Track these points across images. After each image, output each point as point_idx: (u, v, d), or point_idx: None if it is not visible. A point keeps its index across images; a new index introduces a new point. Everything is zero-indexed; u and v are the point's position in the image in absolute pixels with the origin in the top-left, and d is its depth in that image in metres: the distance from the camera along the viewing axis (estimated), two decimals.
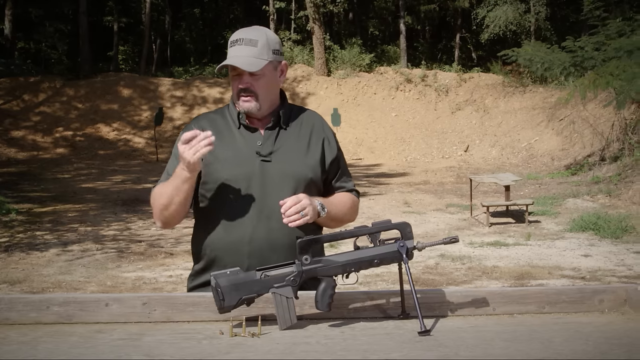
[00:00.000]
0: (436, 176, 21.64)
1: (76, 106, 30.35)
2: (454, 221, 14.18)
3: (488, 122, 27.76)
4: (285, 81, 19.42)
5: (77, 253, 11.54)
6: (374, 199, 16.98)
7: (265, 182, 3.02)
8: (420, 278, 9.73)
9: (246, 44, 3.04)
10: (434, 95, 29.83)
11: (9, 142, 27.69)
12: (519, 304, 2.81)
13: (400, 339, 2.47)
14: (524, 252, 11.30)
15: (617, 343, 2.41)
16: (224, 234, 3.02)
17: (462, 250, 11.47)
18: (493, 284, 9.47)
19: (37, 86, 31.34)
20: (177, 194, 2.99)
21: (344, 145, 26.79)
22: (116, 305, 2.72)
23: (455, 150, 26.45)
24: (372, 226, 2.70)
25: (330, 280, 2.66)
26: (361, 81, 30.95)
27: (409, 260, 2.68)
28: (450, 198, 17.09)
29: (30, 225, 13.90)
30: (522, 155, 24.99)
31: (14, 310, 2.69)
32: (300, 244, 2.66)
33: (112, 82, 31.71)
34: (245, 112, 3.09)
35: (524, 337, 2.47)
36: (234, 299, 2.59)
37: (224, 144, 3.08)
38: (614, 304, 2.82)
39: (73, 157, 26.75)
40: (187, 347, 2.39)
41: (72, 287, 9.46)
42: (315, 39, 32.49)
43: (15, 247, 11.90)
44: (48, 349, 2.37)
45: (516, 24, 34.41)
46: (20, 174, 22.14)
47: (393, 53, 39.45)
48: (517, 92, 28.66)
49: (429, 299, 2.79)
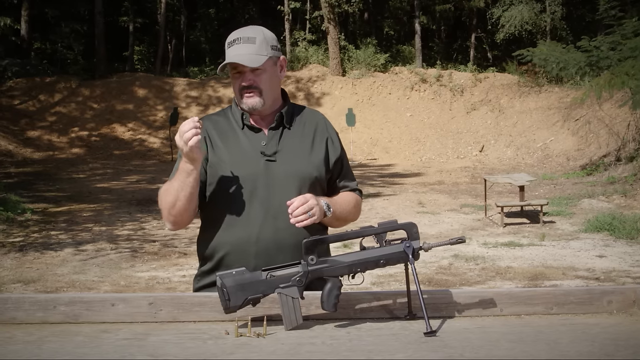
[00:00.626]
0: (451, 176, 21.59)
1: (92, 106, 30.47)
2: (468, 221, 14.14)
3: (503, 122, 27.67)
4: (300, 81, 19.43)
5: (91, 253, 11.57)
6: (388, 199, 16.96)
7: (271, 182, 3.03)
8: (434, 278, 9.71)
9: (244, 42, 3.06)
10: (449, 95, 29.76)
11: (25, 142, 27.79)
12: (526, 304, 2.79)
13: (406, 339, 2.46)
14: (538, 253, 11.26)
15: (624, 344, 2.39)
16: (231, 235, 3.02)
17: (476, 250, 11.44)
18: (506, 284, 9.44)
19: (53, 86, 31.48)
20: (183, 189, 2.98)
21: (359, 145, 26.82)
22: (122, 305, 2.73)
23: (470, 150, 26.38)
24: (378, 226, 2.69)
25: (336, 280, 2.65)
26: (376, 81, 30.92)
27: (415, 261, 2.66)
28: (465, 198, 17.04)
29: (45, 225, 13.96)
30: (537, 156, 24.89)
31: (20, 310, 2.70)
32: (306, 244, 2.65)
33: (127, 82, 31.81)
34: (250, 108, 3.09)
35: (530, 338, 2.46)
36: (239, 299, 2.59)
37: (228, 145, 3.10)
38: (622, 305, 2.80)
39: (88, 157, 26.84)
40: (191, 347, 2.39)
41: (85, 287, 9.49)
42: (330, 39, 32.48)
43: (29, 246, 11.95)
44: (53, 349, 2.38)
45: (532, 24, 34.28)
46: (35, 174, 22.23)
47: (408, 53, 39.39)
48: (533, 92, 28.56)
49: (436, 300, 2.78)
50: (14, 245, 12.01)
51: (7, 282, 9.71)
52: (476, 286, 9.31)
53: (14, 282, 9.76)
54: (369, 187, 19.12)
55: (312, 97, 30.47)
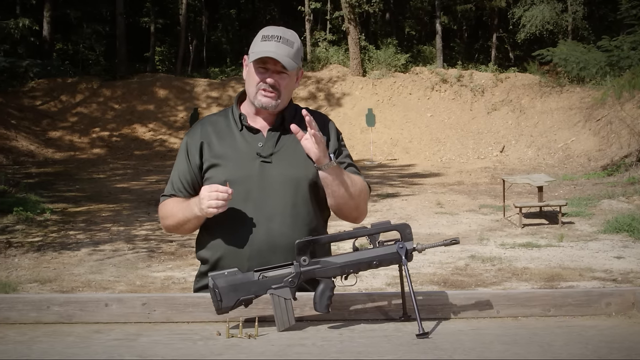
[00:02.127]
0: (471, 177, 21.50)
1: (113, 107, 30.62)
2: (486, 222, 14.07)
3: (524, 122, 27.54)
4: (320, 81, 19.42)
5: (109, 253, 11.61)
6: (406, 200, 16.91)
7: (265, 183, 3.01)
8: (449, 279, 9.67)
9: (284, 42, 3.03)
10: (470, 96, 29.65)
11: (46, 142, 27.97)
12: (523, 306, 2.76)
13: (398, 341, 2.44)
14: (556, 254, 11.18)
15: (618, 347, 2.36)
16: (225, 236, 3.02)
17: (493, 251, 11.38)
18: (522, 285, 9.39)
19: (75, 87, 31.66)
20: (187, 224, 3.07)
21: (379, 146, 26.78)
22: (116, 306, 2.73)
23: (490, 150, 26.27)
24: (372, 227, 2.67)
25: (328, 281, 2.64)
26: (396, 81, 30.86)
27: (408, 262, 2.64)
28: (484, 199, 16.96)
29: (64, 224, 14.02)
30: (558, 156, 24.75)
31: (14, 310, 2.70)
32: (298, 244, 2.64)
33: (148, 82, 31.93)
34: (263, 107, 3.07)
35: (524, 341, 2.43)
36: (231, 300, 2.58)
37: (225, 146, 3.09)
38: (621, 308, 2.77)
39: (109, 157, 26.96)
40: (181, 348, 2.39)
41: (101, 287, 9.53)
42: (351, 39, 32.46)
43: (47, 246, 12.00)
44: (42, 349, 2.38)
45: (553, 24, 34.05)
46: (56, 174, 22.35)
47: (429, 53, 39.29)
48: (554, 92, 28.38)
49: (431, 301, 2.76)
50: (33, 245, 12.07)
51: (24, 282, 9.76)
52: (492, 287, 9.27)
53: (31, 281, 9.81)
54: (387, 188, 19.09)
55: (332, 98, 30.46)
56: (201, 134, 3.14)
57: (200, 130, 3.16)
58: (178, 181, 3.15)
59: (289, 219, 2.98)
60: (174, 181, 3.16)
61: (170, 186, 3.17)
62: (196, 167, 3.10)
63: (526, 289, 8.92)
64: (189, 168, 3.12)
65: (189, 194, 3.12)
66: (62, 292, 9.09)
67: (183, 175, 3.14)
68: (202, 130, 3.15)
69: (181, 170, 3.14)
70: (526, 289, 7.19)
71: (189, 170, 3.12)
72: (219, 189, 2.85)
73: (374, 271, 10.09)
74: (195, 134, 3.16)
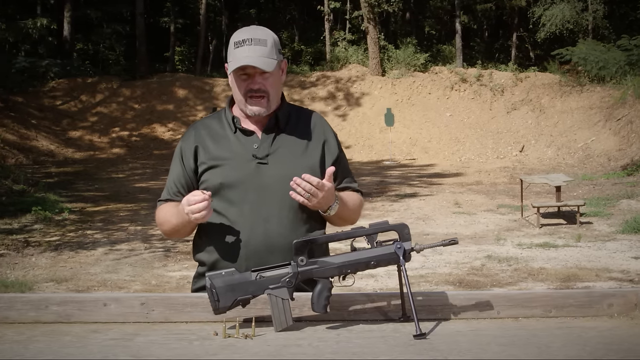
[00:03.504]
0: (489, 176, 21.41)
1: (132, 106, 30.72)
2: (504, 222, 14.01)
3: (544, 122, 27.39)
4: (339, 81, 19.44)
5: (125, 252, 11.66)
6: (424, 200, 16.87)
7: (262, 184, 3.00)
8: (465, 279, 9.64)
9: (256, 43, 3.01)
10: (490, 95, 29.52)
11: (66, 142, 28.11)
12: (524, 307, 2.74)
13: (395, 342, 2.43)
14: (573, 254, 11.12)
15: (616, 349, 2.33)
16: (222, 238, 3.00)
17: (510, 251, 11.33)
18: (538, 285, 9.35)
19: (95, 87, 31.80)
20: (182, 229, 3.07)
21: (398, 145, 26.71)
22: (114, 305, 2.73)
23: (510, 150, 26.15)
24: (370, 227, 2.65)
25: (326, 282, 2.63)
26: (416, 81, 30.77)
27: (406, 262, 2.63)
28: (502, 199, 16.89)
29: (82, 224, 14.09)
30: (578, 156, 24.60)
31: (13, 309, 2.71)
32: (296, 244, 2.63)
33: (167, 82, 32.02)
34: (256, 115, 3.07)
35: (522, 342, 2.41)
36: (229, 300, 2.57)
37: (220, 149, 3.08)
38: (623, 309, 2.74)
39: (128, 157, 27.06)
40: (176, 348, 2.38)
41: (116, 286, 9.56)
42: (370, 38, 32.39)
43: (65, 245, 12.06)
44: (38, 349, 2.39)
45: (573, 23, 33.82)
46: (75, 174, 22.45)
47: (448, 52, 39.17)
48: (574, 92, 28.20)
49: (431, 302, 2.75)
50: (50, 244, 12.14)
51: (40, 281, 9.81)
52: (507, 287, 9.23)
53: (47, 280, 9.86)
54: (406, 188, 19.06)
55: (351, 97, 30.43)
56: (195, 138, 3.13)
57: (194, 134, 3.15)
58: (173, 186, 3.14)
59: (286, 219, 2.97)
60: (169, 186, 3.16)
61: (166, 191, 3.17)
62: (191, 171, 3.10)
63: (527, 289, 8.88)
64: (184, 172, 3.11)
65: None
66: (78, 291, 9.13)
67: (178, 180, 3.13)
68: (195, 134, 3.14)
69: (176, 174, 3.14)
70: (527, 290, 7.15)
71: (184, 175, 3.11)
72: (195, 196, 2.84)
73: (390, 270, 10.07)
74: (189, 138, 3.15)
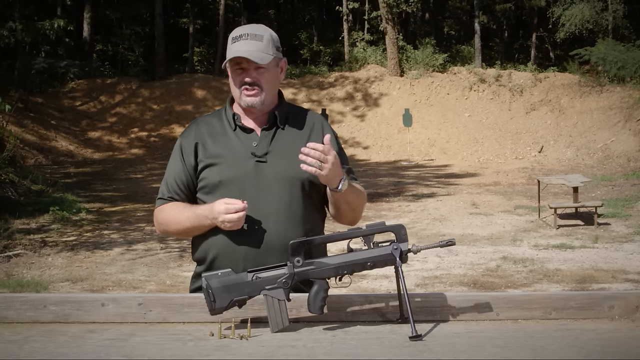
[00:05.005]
0: (507, 177, 21.31)
1: (151, 107, 30.83)
2: (521, 223, 13.94)
3: (563, 122, 27.25)
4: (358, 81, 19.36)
5: (141, 252, 11.69)
6: (441, 200, 16.82)
7: (260, 183, 2.99)
8: (479, 280, 9.60)
9: (252, 38, 3.04)
10: (508, 96, 29.39)
11: (85, 142, 28.23)
12: (523, 309, 2.72)
13: (390, 343, 2.42)
14: (590, 255, 11.04)
15: (613, 351, 2.31)
16: (220, 237, 2.99)
17: (526, 252, 11.27)
18: (553, 287, 9.29)
19: (114, 88, 31.94)
20: (194, 232, 3.08)
21: (416, 146, 26.66)
22: (112, 306, 2.73)
23: (529, 151, 26.02)
24: (366, 228, 2.64)
25: (322, 283, 2.61)
26: (434, 81, 30.69)
27: (403, 263, 2.61)
28: (520, 199, 16.80)
29: (99, 224, 14.14)
30: (597, 156, 24.45)
31: (11, 309, 2.72)
32: (292, 245, 2.62)
33: (186, 83, 32.10)
34: (249, 106, 3.07)
35: (518, 344, 2.39)
36: (225, 301, 2.57)
37: (219, 146, 3.08)
38: (625, 311, 2.70)
39: (147, 157, 27.14)
40: (170, 349, 2.38)
41: (131, 286, 9.59)
42: (388, 39, 32.34)
43: (81, 245, 12.11)
44: (33, 349, 2.39)
45: (593, 22, 33.59)
46: (94, 174, 22.55)
47: (467, 53, 39.05)
48: (594, 92, 28.02)
49: (430, 303, 2.73)
50: (67, 244, 12.19)
51: (55, 281, 9.86)
52: (522, 289, 9.18)
53: (62, 280, 9.90)
54: (423, 188, 19.01)
55: (369, 98, 30.39)
56: (195, 134, 3.14)
57: (194, 131, 3.15)
58: (173, 182, 3.14)
59: (284, 218, 2.96)
60: (169, 183, 3.15)
61: (165, 188, 3.16)
62: (191, 167, 3.10)
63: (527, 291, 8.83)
64: (184, 169, 3.11)
65: (185, 195, 3.12)
66: (92, 291, 9.16)
67: (178, 176, 3.13)
68: (195, 131, 3.15)
69: (176, 171, 3.14)
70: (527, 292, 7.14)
71: (184, 171, 3.11)
72: (234, 204, 2.84)
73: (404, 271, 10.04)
74: (189, 135, 3.16)
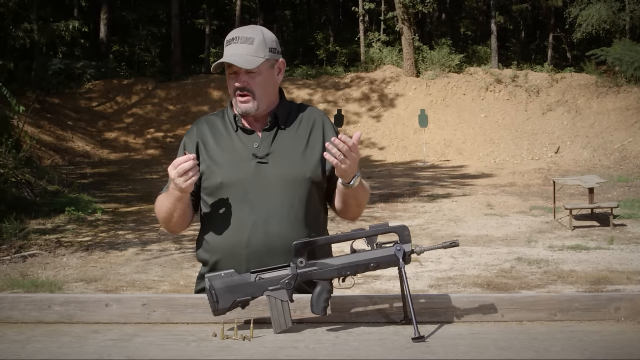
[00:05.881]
0: (523, 178, 21.24)
1: (167, 108, 30.93)
2: (536, 224, 13.88)
3: (580, 123, 27.14)
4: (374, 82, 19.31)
5: (155, 252, 11.71)
6: (456, 201, 16.79)
7: (262, 184, 2.98)
8: (493, 281, 9.57)
9: (242, 41, 3.03)
10: (525, 96, 29.30)
11: (102, 143, 28.35)
12: (529, 310, 2.70)
13: (392, 345, 2.40)
14: (605, 256, 10.99)
15: (617, 353, 2.29)
16: (223, 238, 3.00)
17: (541, 253, 11.23)
18: (567, 288, 9.25)
19: (130, 88, 32.07)
20: (175, 210, 3.05)
21: (432, 147, 26.61)
22: (116, 306, 2.73)
23: (545, 151, 25.93)
24: (369, 229, 2.63)
25: (325, 284, 2.60)
26: (450, 82, 30.63)
27: (406, 264, 2.59)
28: (535, 200, 16.75)
29: (114, 224, 14.20)
30: (614, 157, 24.34)
31: (16, 309, 2.72)
32: (295, 246, 2.61)
33: (202, 84, 32.18)
34: (244, 112, 3.06)
35: (521, 346, 2.37)
36: (228, 302, 2.57)
37: (221, 148, 3.08)
38: (631, 313, 2.68)
39: (163, 157, 27.18)
40: (172, 350, 2.38)
41: (145, 286, 9.61)
42: (404, 39, 32.31)
43: (96, 246, 12.15)
44: (35, 349, 2.39)
45: (610, 23, 33.40)
46: (110, 175, 22.65)
47: (483, 53, 38.95)
48: (611, 92, 27.90)
49: (434, 304, 2.71)
50: (82, 245, 12.24)
51: (69, 281, 9.89)
52: (535, 290, 9.15)
53: (77, 280, 9.94)
54: (438, 189, 18.98)
55: (385, 99, 30.37)
56: (197, 133, 3.14)
57: (196, 130, 3.16)
58: None
59: (286, 219, 2.95)
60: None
61: (168, 184, 3.16)
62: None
63: (533, 292, 8.79)
64: None
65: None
66: (106, 291, 9.19)
67: None
68: (198, 130, 3.15)
69: None
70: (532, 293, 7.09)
71: None
72: (180, 160, 2.83)
73: (418, 272, 10.04)
74: (192, 133, 3.16)
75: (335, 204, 3.15)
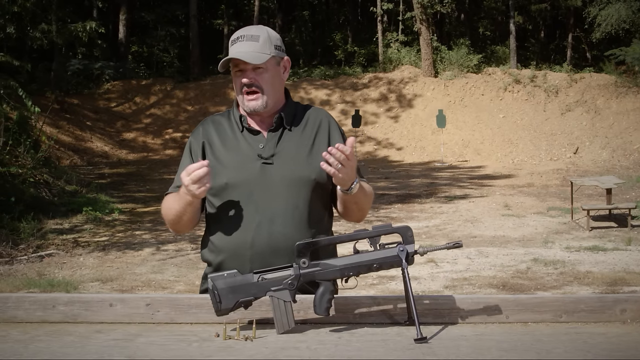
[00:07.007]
0: (542, 179, 21.15)
1: (186, 108, 31.02)
2: (553, 225, 13.82)
3: (599, 123, 27.00)
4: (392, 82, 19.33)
5: (172, 252, 11.74)
6: (474, 202, 16.74)
7: (267, 185, 2.98)
8: (509, 282, 9.53)
9: (248, 39, 3.04)
10: (543, 96, 29.18)
11: (120, 143, 28.47)
12: (533, 312, 2.68)
13: (394, 346, 2.40)
14: (622, 258, 10.92)
15: (621, 355, 2.27)
16: (227, 239, 3.00)
17: (557, 254, 11.17)
18: (583, 289, 9.19)
19: (149, 89, 32.19)
20: (185, 214, 3.05)
21: (450, 147, 26.55)
22: (120, 306, 2.74)
23: (564, 152, 25.83)
24: (373, 230, 2.62)
25: (328, 284, 2.60)
26: (468, 82, 30.56)
27: (409, 265, 2.58)
28: (553, 201, 16.67)
29: (131, 224, 14.25)
30: (633, 158, 24.22)
31: (21, 309, 2.73)
32: (298, 246, 2.61)
33: (220, 84, 32.24)
34: (252, 111, 3.06)
35: (524, 347, 2.36)
36: (230, 302, 2.57)
37: (227, 148, 3.08)
38: (636, 315, 2.66)
39: (181, 158, 27.22)
40: (173, 350, 2.38)
41: (160, 286, 9.63)
42: (423, 40, 32.26)
43: (112, 246, 12.20)
44: (38, 348, 2.40)
45: (629, 22, 33.18)
46: (128, 175, 22.73)
47: (502, 53, 38.81)
48: (631, 92, 27.75)
49: (438, 305, 2.70)
50: (98, 245, 12.29)
51: (86, 281, 9.93)
52: (551, 291, 9.10)
53: (93, 280, 9.98)
54: (456, 189, 18.93)
55: (403, 99, 30.33)
56: (203, 133, 3.15)
57: (202, 130, 3.17)
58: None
59: (291, 220, 2.95)
60: (177, 179, 3.15)
61: (174, 184, 3.17)
62: None
63: (539, 294, 8.75)
64: None
65: None
66: (122, 291, 9.22)
67: None
68: (203, 130, 3.17)
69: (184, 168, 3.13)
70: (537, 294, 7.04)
71: None
72: (194, 167, 2.82)
73: (433, 273, 10.01)
74: (198, 133, 3.18)
75: (338, 207, 3.16)
